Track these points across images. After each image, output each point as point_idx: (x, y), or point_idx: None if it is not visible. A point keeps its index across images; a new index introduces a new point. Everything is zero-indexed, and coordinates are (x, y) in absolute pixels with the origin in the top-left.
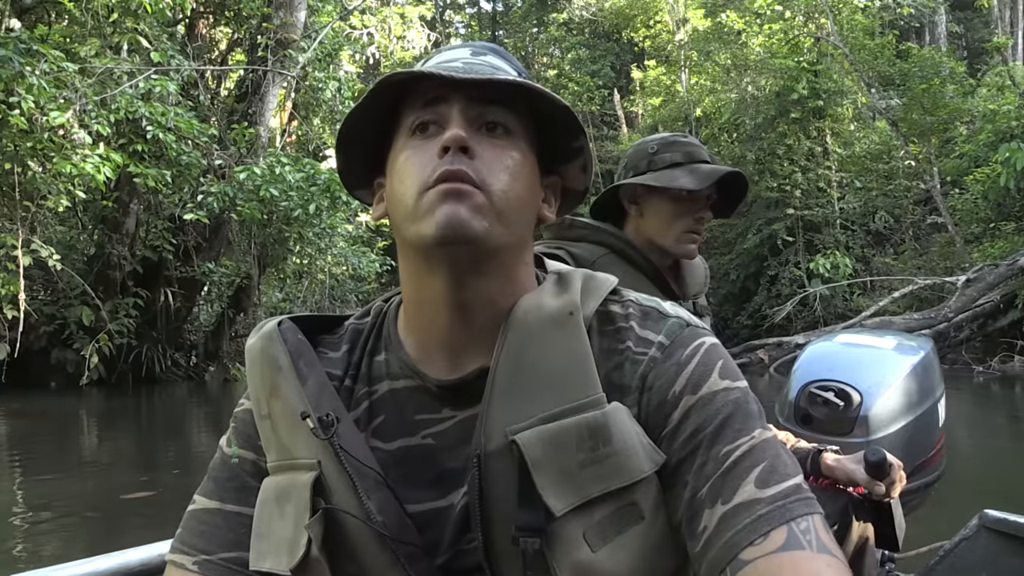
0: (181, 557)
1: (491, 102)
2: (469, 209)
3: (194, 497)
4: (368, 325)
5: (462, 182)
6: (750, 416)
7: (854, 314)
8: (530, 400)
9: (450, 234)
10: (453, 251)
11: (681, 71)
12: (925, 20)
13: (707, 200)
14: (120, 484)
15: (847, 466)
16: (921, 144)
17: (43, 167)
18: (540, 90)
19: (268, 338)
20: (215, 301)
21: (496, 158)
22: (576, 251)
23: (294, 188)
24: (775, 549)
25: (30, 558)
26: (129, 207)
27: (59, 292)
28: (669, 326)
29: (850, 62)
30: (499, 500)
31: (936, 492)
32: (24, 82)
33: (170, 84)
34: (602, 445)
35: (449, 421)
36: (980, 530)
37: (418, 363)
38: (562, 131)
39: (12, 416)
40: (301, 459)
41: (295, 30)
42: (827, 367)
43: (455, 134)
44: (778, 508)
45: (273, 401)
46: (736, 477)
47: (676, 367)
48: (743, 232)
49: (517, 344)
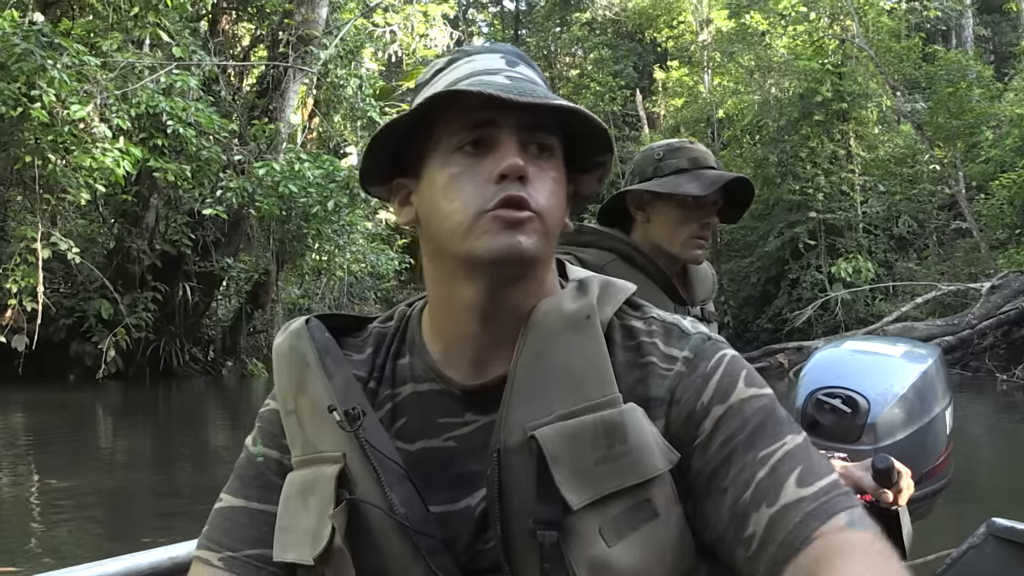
0: (207, 553)
1: (539, 127)
2: (527, 236)
3: (221, 495)
4: (392, 329)
5: (522, 210)
6: (781, 422)
7: (876, 319)
8: (548, 399)
9: (509, 258)
10: (508, 273)
11: (704, 72)
12: (952, 23)
13: (713, 206)
14: (136, 480)
15: (854, 473)
16: (946, 148)
17: (63, 160)
18: (587, 115)
19: (296, 335)
20: (233, 296)
21: (544, 181)
22: (585, 256)
23: (313, 184)
24: (840, 528)
25: (44, 552)
26: (149, 201)
27: (78, 285)
28: (692, 342)
29: (875, 64)
30: (518, 495)
31: (944, 500)
32: (46, 75)
33: (191, 79)
34: (618, 443)
35: (472, 425)
36: (987, 538)
37: (442, 367)
38: (589, 146)
39: (30, 408)
40: (326, 452)
41: (316, 26)
42: (835, 374)
43: (515, 164)
44: (823, 504)
45: (300, 396)
46: (777, 481)
47: (702, 379)
48: (764, 235)
49: (536, 346)
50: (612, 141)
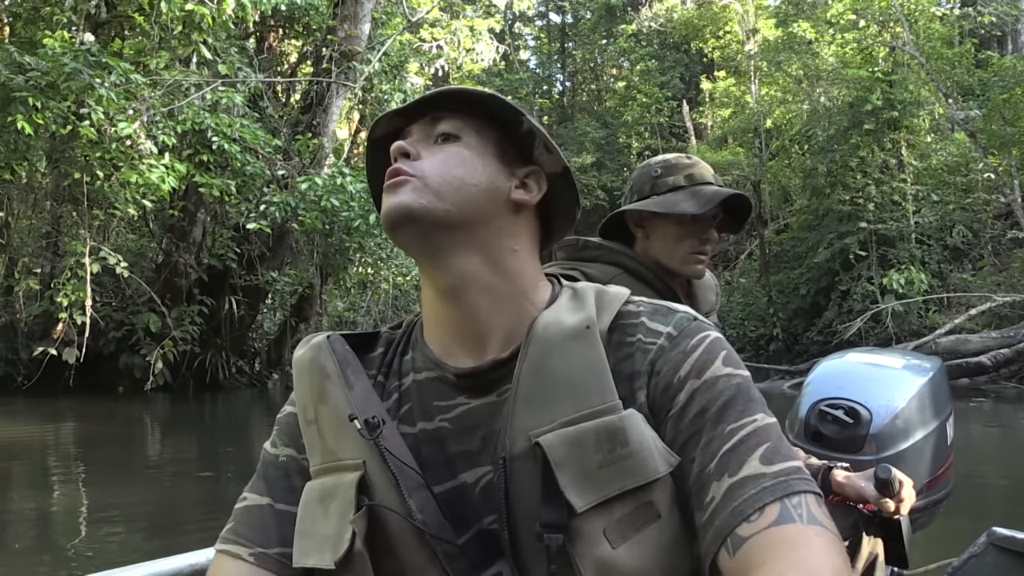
0: (237, 548)
1: (439, 120)
2: (404, 192)
3: (245, 494)
4: (400, 333)
5: (398, 175)
6: (753, 400)
7: (929, 331)
8: (551, 407)
9: (392, 216)
10: (404, 232)
11: (751, 82)
12: (1007, 28)
13: (712, 220)
14: (182, 489)
15: (857, 483)
16: (1001, 156)
17: (111, 177)
18: (458, 89)
19: (317, 348)
20: (278, 309)
21: (437, 154)
22: (590, 271)
23: (355, 198)
24: (768, 525)
25: (87, 561)
26: (196, 216)
27: (127, 299)
28: (677, 319)
29: (926, 72)
30: (524, 500)
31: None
32: (94, 94)
33: (236, 96)
34: (619, 447)
35: (463, 407)
36: (988, 547)
37: (439, 357)
38: (511, 123)
39: (80, 418)
40: (346, 460)
41: (359, 42)
42: (837, 385)
43: (397, 145)
44: (781, 483)
45: (320, 406)
46: (743, 453)
47: (682, 355)
48: (814, 246)
49: (538, 356)
50: (510, 104)
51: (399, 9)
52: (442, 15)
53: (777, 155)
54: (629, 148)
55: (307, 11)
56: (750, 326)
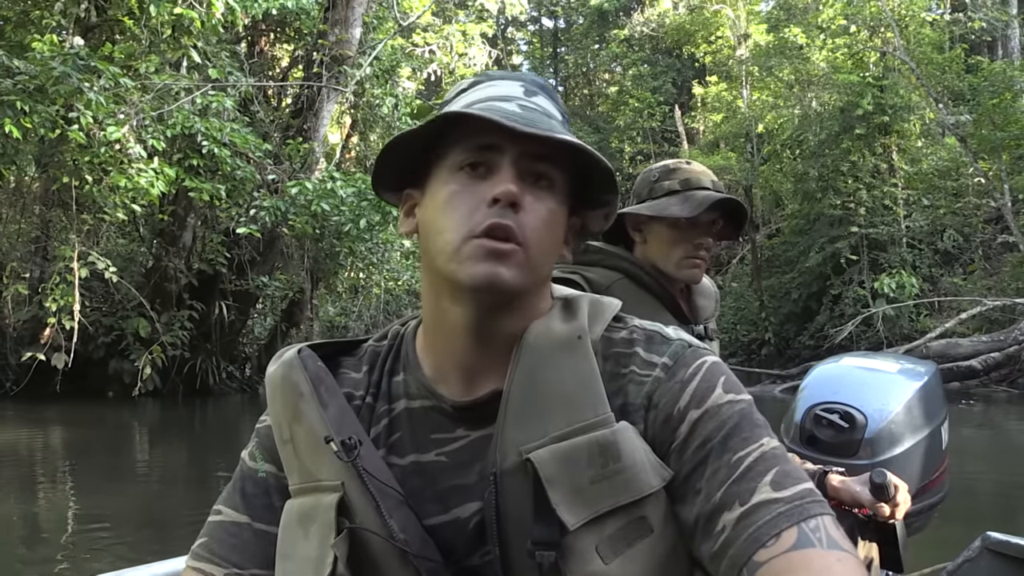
0: (211, 567)
1: (543, 157)
2: (509, 268)
3: (219, 507)
4: (386, 347)
5: (507, 241)
6: (757, 425)
7: (920, 335)
8: (542, 420)
9: (487, 287)
10: (485, 299)
11: (743, 87)
12: (997, 34)
13: (710, 225)
14: (171, 495)
15: (852, 488)
16: (991, 160)
17: (99, 181)
18: (590, 152)
19: (289, 365)
20: (269, 314)
21: (538, 210)
22: (591, 276)
23: (345, 203)
24: (787, 549)
25: (75, 567)
26: (186, 221)
27: (117, 304)
28: (673, 348)
29: (917, 77)
30: (514, 516)
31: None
32: (83, 98)
33: (226, 100)
34: (612, 462)
35: (462, 440)
36: (983, 552)
37: (434, 383)
38: (597, 183)
39: (69, 424)
40: (324, 481)
41: (350, 47)
42: (832, 390)
43: (508, 190)
44: (796, 507)
45: (296, 426)
46: (752, 480)
47: (680, 385)
48: (805, 250)
49: (529, 368)
50: (615, 180)
51: (391, 14)
52: (434, 20)
53: (769, 160)
54: (622, 153)
55: (298, 15)
56: (742, 330)
